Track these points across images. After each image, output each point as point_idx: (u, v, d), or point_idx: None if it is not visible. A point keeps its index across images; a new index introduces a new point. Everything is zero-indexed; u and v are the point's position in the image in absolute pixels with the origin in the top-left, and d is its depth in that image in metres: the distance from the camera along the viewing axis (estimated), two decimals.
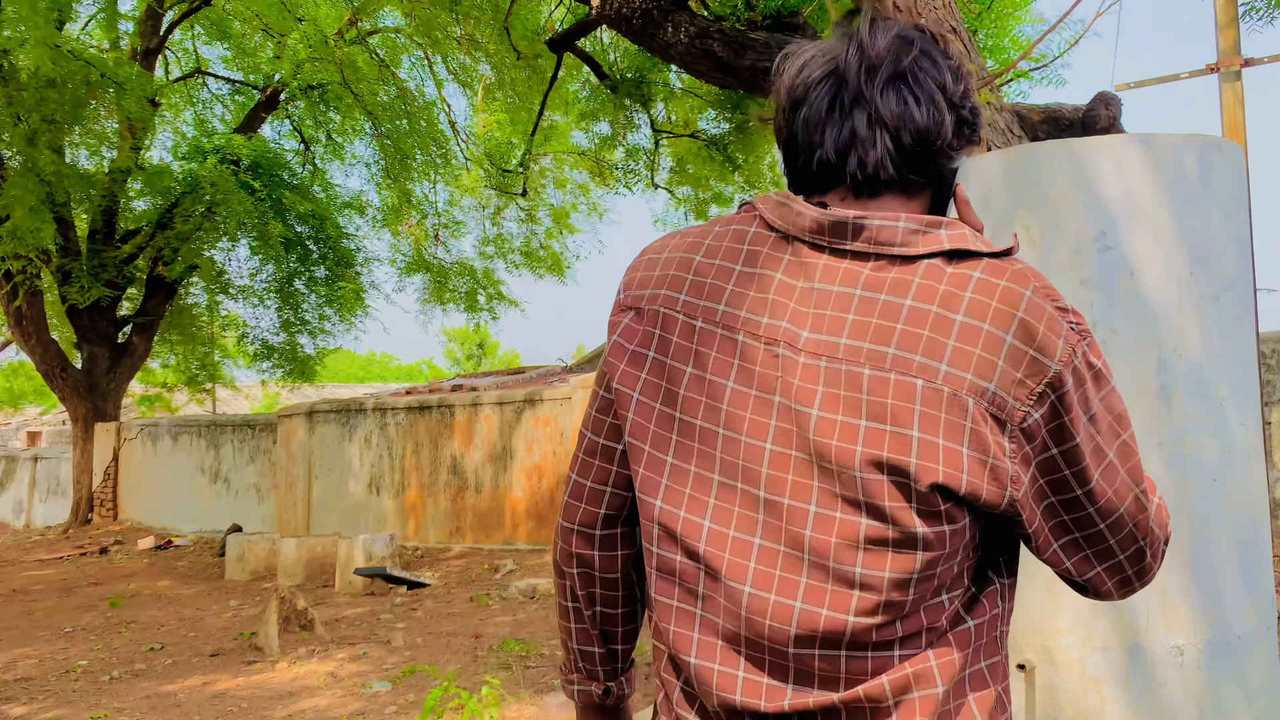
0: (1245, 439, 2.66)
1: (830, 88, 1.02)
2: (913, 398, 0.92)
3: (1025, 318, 0.93)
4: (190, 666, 7.16)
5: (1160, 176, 2.60)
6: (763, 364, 0.98)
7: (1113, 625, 2.56)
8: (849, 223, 0.98)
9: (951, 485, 0.91)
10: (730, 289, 1.02)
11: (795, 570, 0.95)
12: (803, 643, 0.95)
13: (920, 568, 0.93)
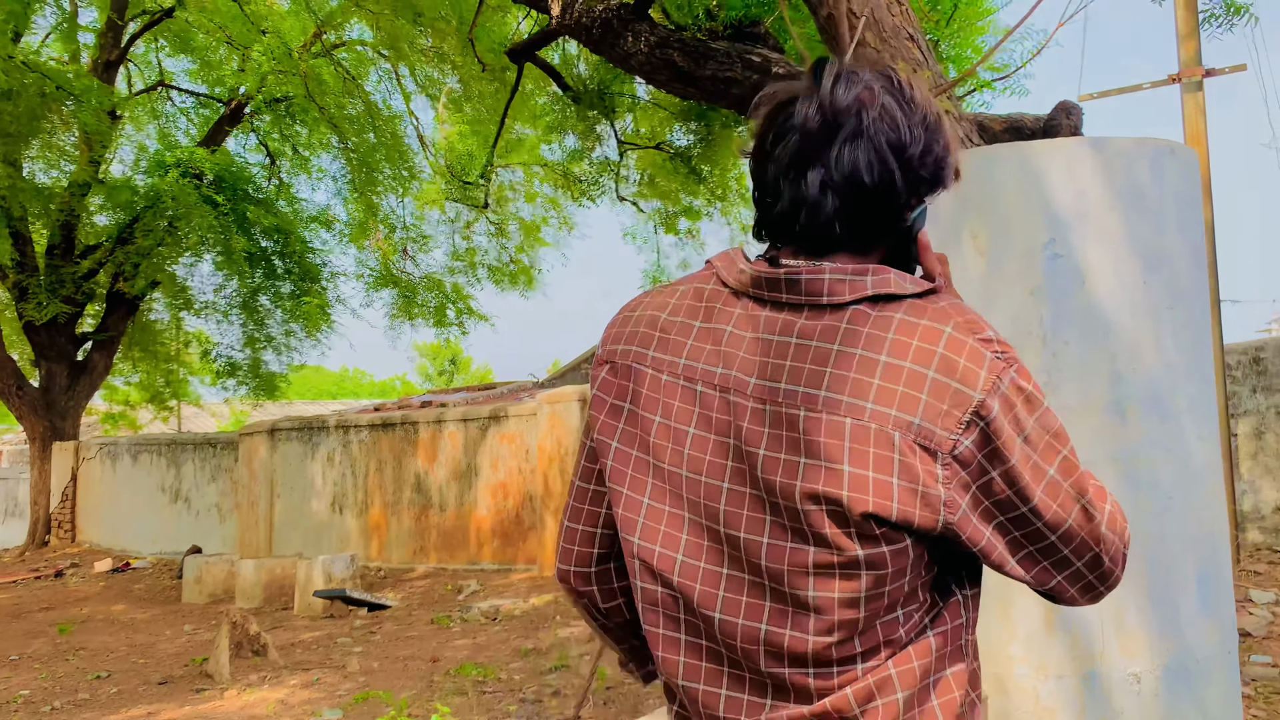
0: (1203, 455, 2.55)
1: (795, 143, 1.07)
2: (842, 435, 0.99)
3: (945, 353, 0.99)
4: (136, 696, 6.92)
5: (1112, 181, 2.50)
6: (718, 410, 1.07)
7: (1067, 652, 2.44)
8: (781, 279, 1.06)
9: (882, 514, 0.98)
10: (690, 343, 1.11)
11: (758, 596, 1.03)
12: (772, 661, 1.03)
13: (867, 587, 1.00)
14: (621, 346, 1.16)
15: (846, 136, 1.05)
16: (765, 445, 1.02)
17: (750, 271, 1.09)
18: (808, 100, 1.07)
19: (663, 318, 1.15)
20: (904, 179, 1.06)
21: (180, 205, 14.77)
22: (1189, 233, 2.61)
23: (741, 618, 1.04)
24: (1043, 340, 2.49)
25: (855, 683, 1.03)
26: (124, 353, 18.31)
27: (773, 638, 1.03)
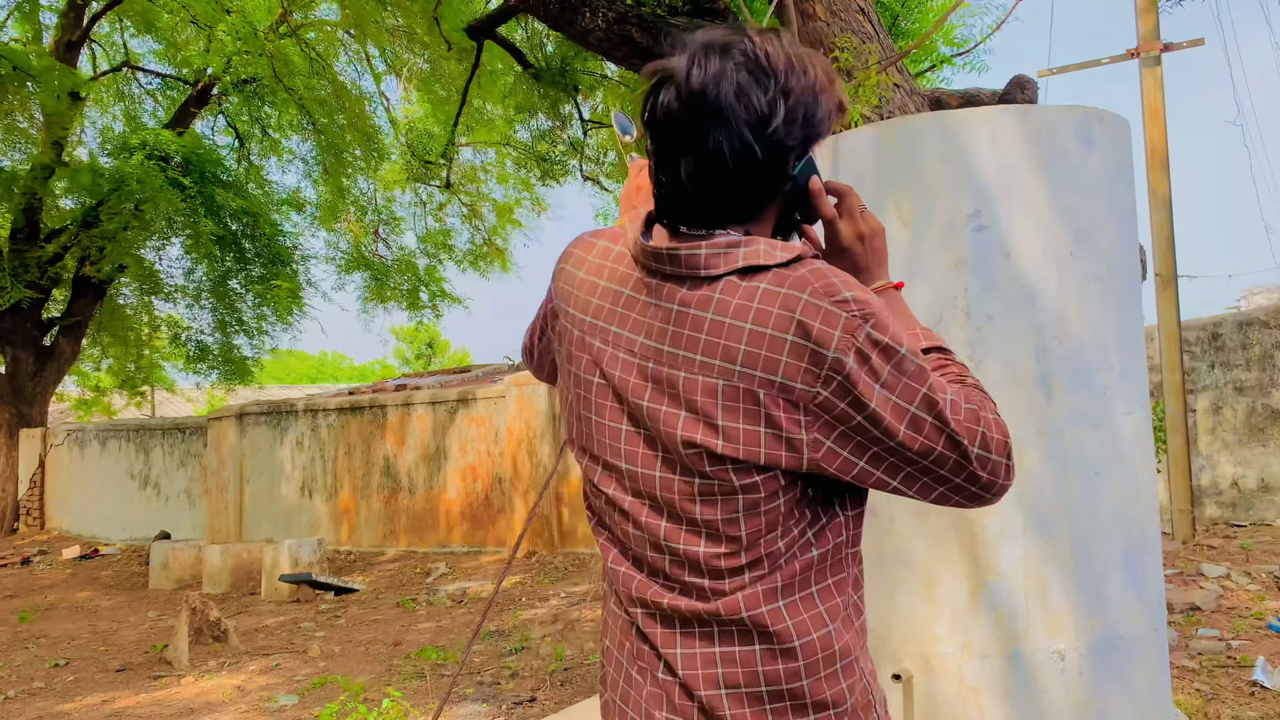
0: (1132, 429, 2.51)
1: (662, 134, 1.18)
2: (715, 394, 1.14)
3: (801, 318, 1.11)
4: (93, 683, 6.84)
5: (1038, 150, 2.44)
6: (611, 365, 1.23)
7: (992, 631, 2.40)
8: (664, 253, 1.18)
9: (751, 459, 1.14)
10: (595, 302, 1.26)
11: (659, 517, 1.21)
12: (676, 566, 1.21)
13: (746, 509, 1.16)
14: (558, 302, 1.33)
15: (705, 124, 1.14)
16: (649, 398, 1.19)
17: (641, 244, 1.21)
18: (667, 88, 1.16)
19: (580, 275, 1.30)
20: (769, 151, 1.15)
21: (146, 188, 14.54)
22: (1119, 203, 2.56)
23: (654, 533, 1.22)
24: (966, 313, 2.43)
25: (743, 590, 1.18)
26: (92, 338, 18.10)
27: (673, 549, 1.20)
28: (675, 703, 1.22)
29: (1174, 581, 5.40)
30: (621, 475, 1.24)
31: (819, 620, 1.20)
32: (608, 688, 1.33)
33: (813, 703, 1.19)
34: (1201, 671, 4.08)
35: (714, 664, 1.20)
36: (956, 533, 2.43)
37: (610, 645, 1.34)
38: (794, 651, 1.19)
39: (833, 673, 1.20)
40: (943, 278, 2.45)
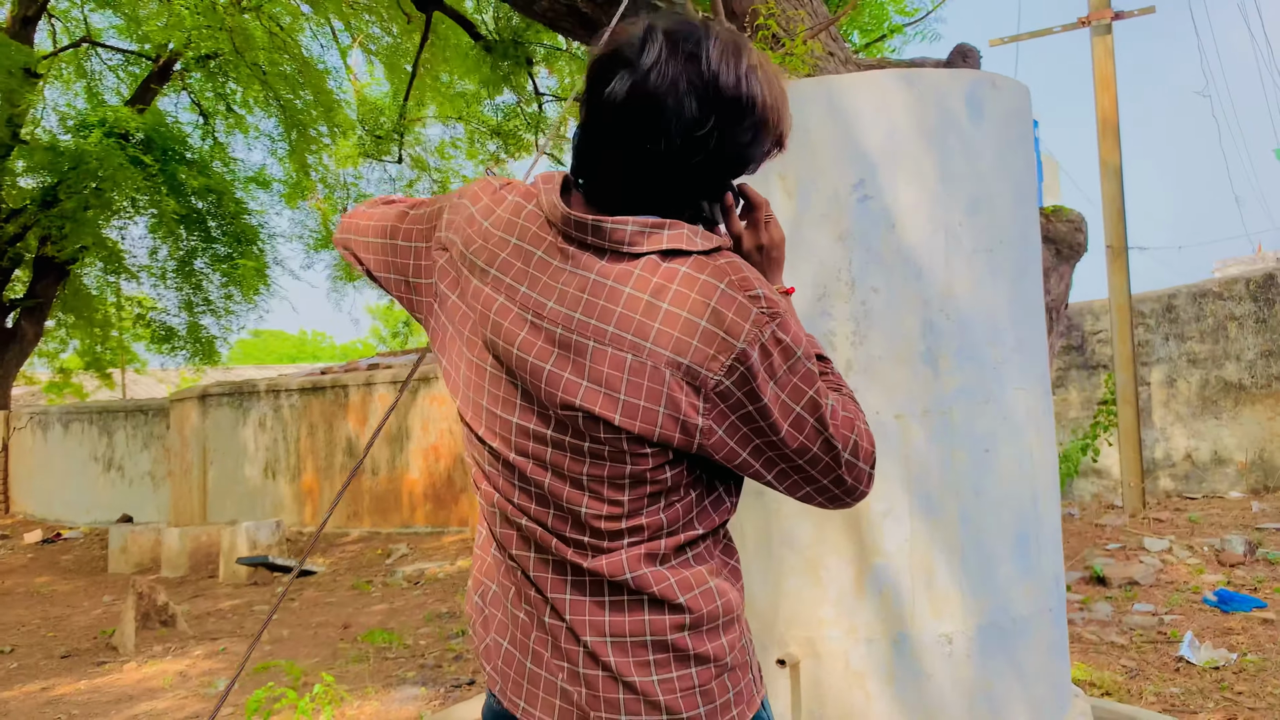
0: (1026, 405, 2.44)
1: (605, 118, 1.18)
2: (623, 368, 1.16)
3: (717, 306, 1.14)
4: (36, 670, 6.74)
5: (925, 117, 2.35)
6: (514, 323, 1.21)
7: (877, 614, 2.33)
8: (588, 223, 1.18)
9: (646, 435, 1.17)
10: (503, 256, 1.24)
11: (544, 472, 1.23)
12: (559, 520, 1.23)
13: (630, 477, 1.19)
14: (459, 240, 1.29)
15: (649, 123, 1.15)
16: (552, 363, 1.18)
17: (562, 209, 1.20)
18: (621, 78, 1.16)
19: (486, 224, 1.27)
20: (703, 164, 1.18)
21: (105, 167, 14.31)
22: (1014, 173, 2.47)
23: (545, 490, 1.23)
24: (851, 286, 2.35)
25: (623, 552, 1.22)
26: (57, 319, 17.87)
27: (560, 506, 1.22)
28: (561, 646, 1.25)
29: (1115, 556, 5.36)
30: (510, 429, 1.24)
31: (701, 579, 1.25)
32: (490, 630, 1.34)
33: (694, 655, 1.24)
34: (1130, 647, 4.04)
35: (601, 612, 1.23)
36: (841, 514, 2.35)
37: (493, 589, 1.34)
38: (680, 607, 1.23)
39: (714, 628, 1.25)
40: (827, 250, 2.36)
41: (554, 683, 1.26)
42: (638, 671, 1.22)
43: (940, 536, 2.32)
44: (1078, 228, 5.12)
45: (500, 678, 1.31)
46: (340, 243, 1.51)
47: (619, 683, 1.22)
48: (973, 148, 2.38)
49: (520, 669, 1.29)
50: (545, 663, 1.27)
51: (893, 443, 2.33)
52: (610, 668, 1.22)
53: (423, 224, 1.37)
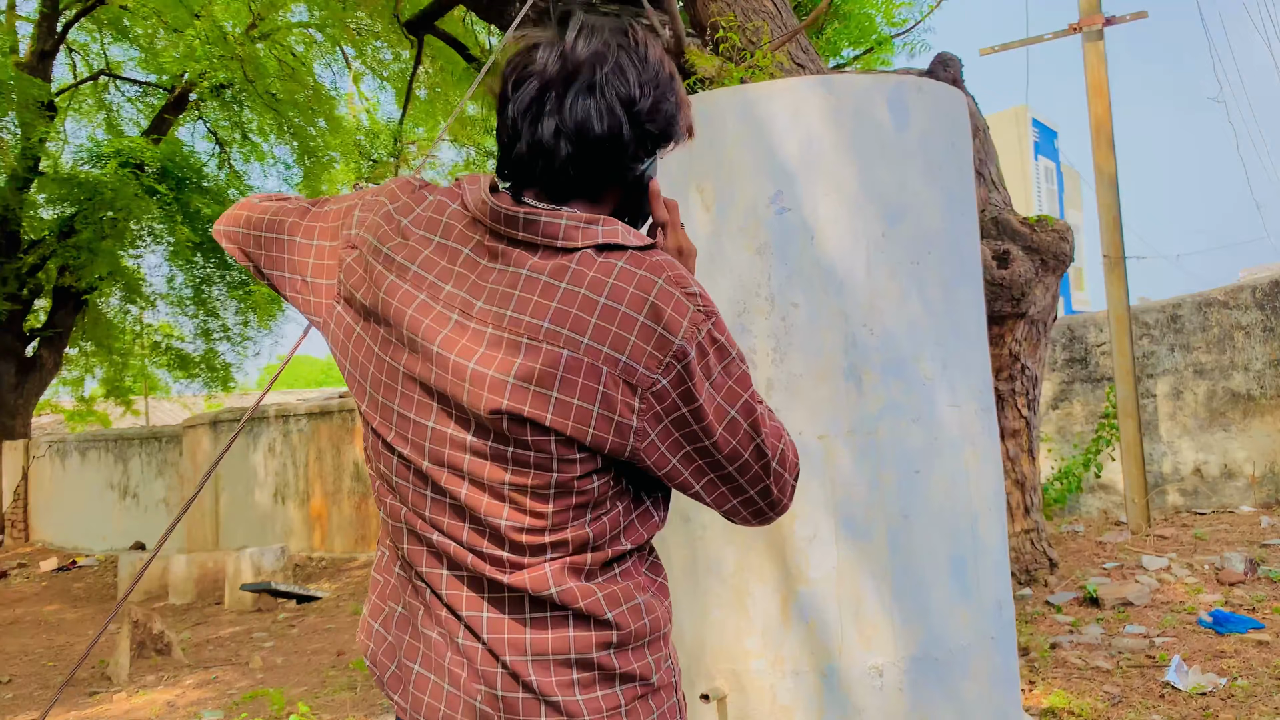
0: (960, 422, 2.32)
1: (534, 89, 1.15)
2: (557, 365, 1.11)
3: (655, 301, 1.12)
4: (29, 701, 6.73)
5: (844, 125, 2.25)
6: (435, 321, 1.16)
7: (804, 645, 2.22)
8: (520, 217, 1.15)
9: (578, 438, 1.12)
10: (425, 253, 1.19)
11: (460, 482, 1.17)
12: (475, 534, 1.17)
13: (556, 485, 1.14)
14: (371, 238, 1.24)
15: (580, 88, 1.15)
16: (477, 361, 1.13)
17: (491, 204, 1.16)
18: (549, 49, 1.16)
19: (405, 222, 1.23)
20: (632, 131, 1.17)
21: (120, 197, 14.48)
22: (942, 179, 2.36)
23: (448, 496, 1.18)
24: (770, 301, 2.25)
25: (545, 567, 1.16)
26: (79, 348, 18.07)
27: (474, 515, 1.16)
28: (478, 669, 1.19)
29: (1112, 575, 5.19)
30: (424, 435, 1.19)
31: (629, 594, 1.21)
32: (397, 655, 1.28)
33: (621, 674, 1.19)
34: (1116, 672, 3.88)
35: (522, 629, 1.18)
36: (766, 538, 2.25)
37: (398, 611, 1.29)
38: (607, 623, 1.19)
39: (640, 646, 1.21)
40: (745, 264, 2.27)
41: (472, 705, 1.20)
42: (560, 691, 1.17)
43: (868, 562, 2.21)
44: (1063, 237, 4.99)
45: (412, 705, 1.24)
46: (223, 235, 1.45)
47: (541, 703, 1.17)
48: (896, 155, 2.28)
49: (436, 692, 1.22)
50: (462, 684, 1.20)
51: (817, 464, 2.22)
52: (532, 687, 1.17)
53: (329, 221, 1.32)
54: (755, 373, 2.26)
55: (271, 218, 1.38)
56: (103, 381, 19.51)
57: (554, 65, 1.15)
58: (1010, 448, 5.14)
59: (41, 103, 14.37)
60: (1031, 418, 5.23)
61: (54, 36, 16.43)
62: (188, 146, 18.15)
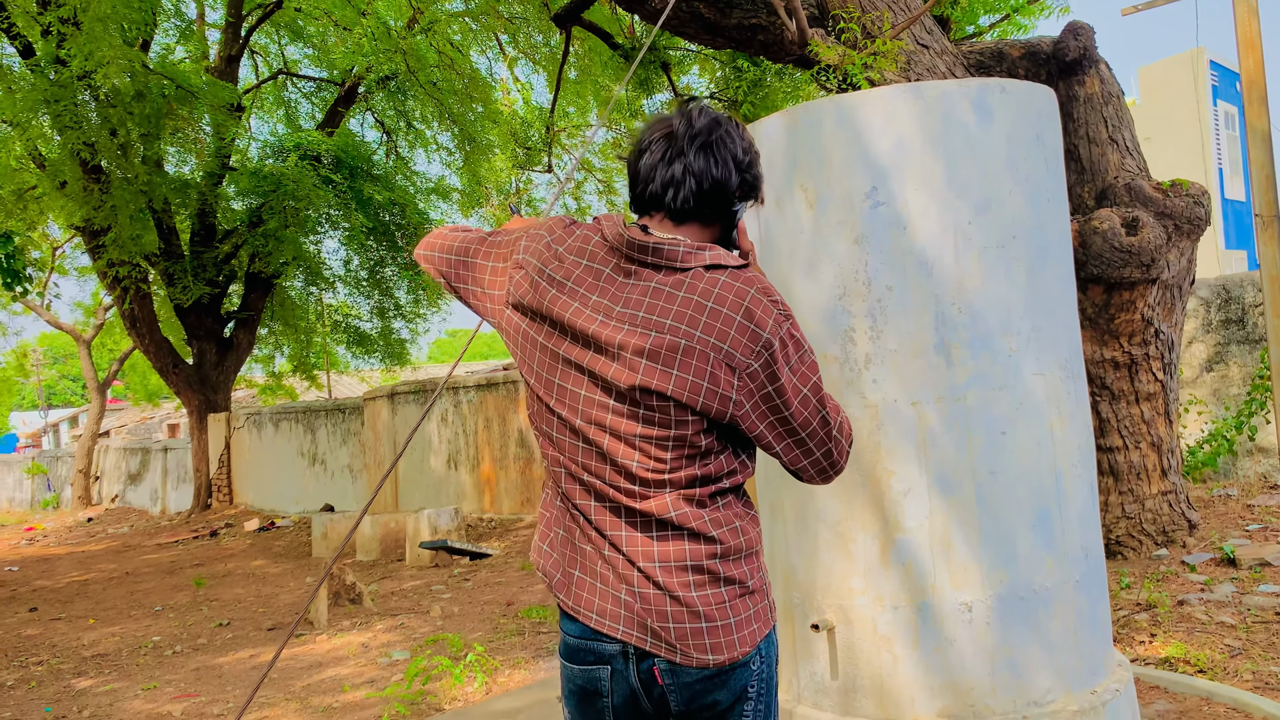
0: (1044, 390, 2.59)
1: (664, 144, 1.62)
2: (677, 351, 1.53)
3: (749, 306, 1.53)
4: (246, 640, 7.68)
5: (932, 126, 2.54)
6: (585, 321, 1.58)
7: (901, 583, 2.55)
8: (650, 245, 1.57)
9: (691, 404, 1.53)
10: (576, 273, 1.62)
11: (604, 435, 1.58)
12: (615, 474, 1.58)
13: (674, 439, 1.55)
14: (535, 261, 1.66)
15: (700, 145, 1.60)
16: (618, 348, 1.54)
17: (628, 236, 1.58)
18: (678, 117, 1.63)
19: (560, 250, 1.64)
20: (738, 179, 1.62)
21: (300, 188, 15.66)
22: (1027, 168, 2.61)
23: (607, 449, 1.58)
24: (868, 285, 2.57)
25: (666, 497, 1.57)
26: (269, 328, 19.67)
27: (620, 463, 1.57)
28: (620, 572, 1.60)
29: (1253, 537, 5.19)
30: (578, 401, 1.60)
31: (729, 519, 1.60)
32: (561, 567, 1.69)
33: (724, 578, 1.59)
34: (1240, 627, 3.99)
35: (651, 544, 1.58)
36: (866, 492, 2.58)
37: (560, 534, 1.70)
38: (713, 539, 1.58)
39: (738, 559, 1.60)
40: (845, 253, 2.59)
41: (618, 597, 1.60)
42: (681, 589, 1.57)
43: (958, 513, 2.52)
44: (1197, 201, 5.00)
45: (575, 601, 1.65)
46: (422, 259, 1.88)
47: (668, 596, 1.57)
48: (980, 151, 2.55)
49: (591, 590, 1.63)
50: (610, 583, 1.61)
51: (910, 428, 2.54)
52: (661, 585, 1.57)
53: (502, 249, 1.74)
54: (854, 349, 2.59)
55: (459, 244, 1.82)
56: (289, 358, 21.16)
57: (682, 127, 1.61)
58: (1145, 410, 5.21)
59: (230, 104, 15.68)
60: (1168, 381, 5.27)
61: (239, 41, 17.80)
62: (358, 137, 19.38)
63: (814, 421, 1.59)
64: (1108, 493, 5.33)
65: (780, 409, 1.56)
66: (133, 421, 30.31)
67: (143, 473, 21.35)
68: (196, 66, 16.32)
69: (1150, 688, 3.45)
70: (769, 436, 1.59)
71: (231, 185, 17.30)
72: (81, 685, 6.65)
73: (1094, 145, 5.36)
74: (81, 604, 10.13)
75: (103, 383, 25.13)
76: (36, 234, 19.74)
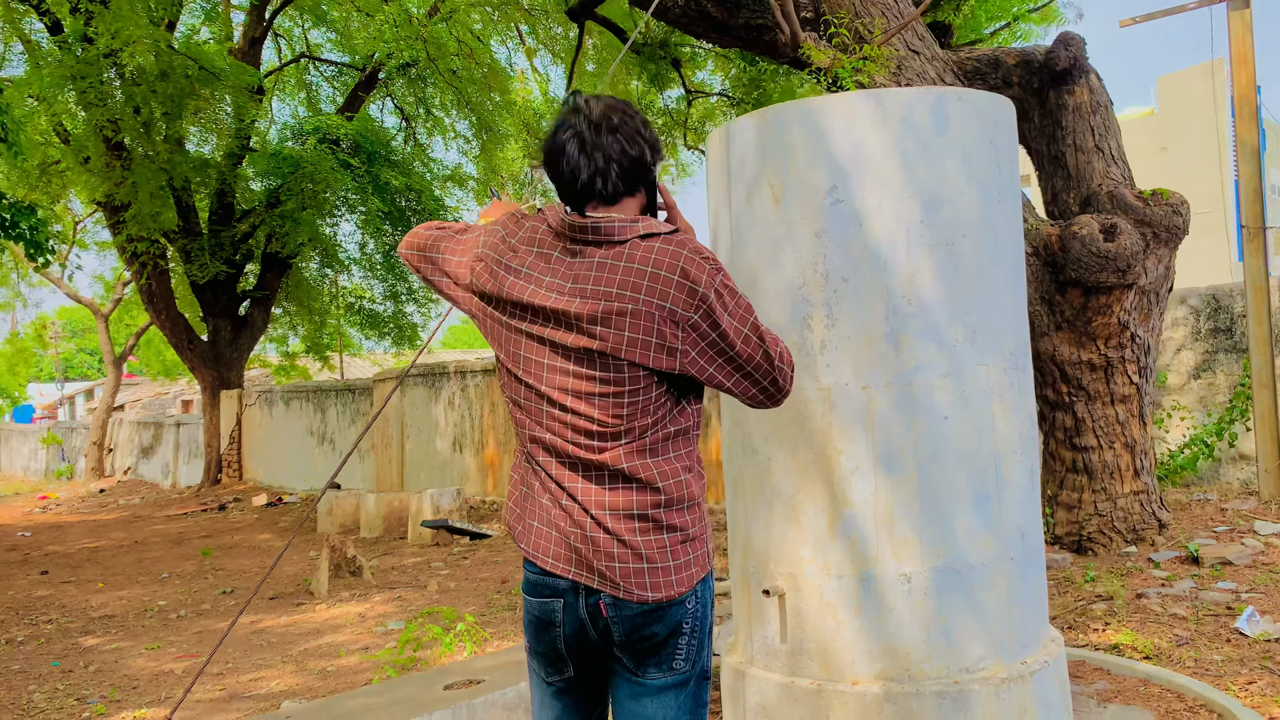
0: (986, 380, 2.77)
1: (577, 142, 1.81)
2: (625, 314, 1.72)
3: (684, 265, 1.73)
4: (249, 608, 7.92)
5: (889, 130, 2.72)
6: (541, 299, 1.78)
7: (846, 554, 2.74)
8: (588, 225, 1.79)
9: (642, 362, 1.74)
10: (530, 259, 1.83)
11: (565, 396, 1.78)
12: (575, 432, 1.78)
13: (627, 396, 1.75)
14: (493, 254, 1.87)
15: (609, 129, 1.80)
16: (573, 318, 1.74)
17: (569, 220, 1.79)
18: (576, 115, 1.82)
19: (513, 241, 1.86)
20: (649, 150, 1.85)
21: (318, 170, 15.89)
22: (978, 172, 2.78)
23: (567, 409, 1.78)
24: (825, 277, 2.76)
25: (619, 448, 1.77)
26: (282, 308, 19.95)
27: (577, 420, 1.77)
28: (575, 519, 1.80)
29: (1219, 538, 5.36)
30: (541, 369, 1.80)
31: (675, 471, 1.80)
32: (522, 517, 1.91)
33: (666, 525, 1.79)
34: (1191, 620, 4.16)
35: (603, 494, 1.78)
36: (817, 469, 2.78)
37: (524, 490, 1.91)
38: (658, 490, 1.78)
39: (680, 509, 1.80)
40: (806, 246, 2.78)
41: (570, 543, 1.80)
42: (628, 534, 1.77)
43: (901, 491, 2.71)
44: (1175, 210, 5.16)
45: (535, 549, 1.86)
46: (403, 256, 2.09)
47: (615, 540, 1.77)
48: (935, 154, 2.73)
49: (547, 538, 1.84)
50: (564, 530, 1.80)
51: (860, 410, 2.73)
52: (609, 530, 1.77)
53: (468, 246, 1.94)
54: (811, 335, 2.78)
55: (431, 242, 2.02)
56: (303, 339, 21.46)
57: (584, 122, 1.80)
58: (1120, 412, 5.38)
59: (250, 86, 15.93)
60: (1143, 384, 5.44)
61: (262, 24, 18.04)
62: (377, 122, 19.63)
63: (757, 356, 1.78)
64: (1081, 490, 5.50)
65: (726, 350, 1.76)
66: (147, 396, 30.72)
67: (155, 446, 21.69)
68: (220, 48, 16.56)
69: (1094, 669, 3.63)
70: (719, 376, 1.79)
71: (251, 166, 17.57)
72: (89, 643, 6.90)
73: (1080, 153, 5.52)
74: (91, 569, 10.41)
75: (119, 357, 25.50)
76: (59, 208, 20.09)
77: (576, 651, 1.87)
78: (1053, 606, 4.49)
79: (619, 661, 1.85)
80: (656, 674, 1.82)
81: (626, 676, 1.85)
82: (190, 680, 5.50)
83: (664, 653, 1.82)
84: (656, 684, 1.83)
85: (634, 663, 1.83)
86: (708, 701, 1.93)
